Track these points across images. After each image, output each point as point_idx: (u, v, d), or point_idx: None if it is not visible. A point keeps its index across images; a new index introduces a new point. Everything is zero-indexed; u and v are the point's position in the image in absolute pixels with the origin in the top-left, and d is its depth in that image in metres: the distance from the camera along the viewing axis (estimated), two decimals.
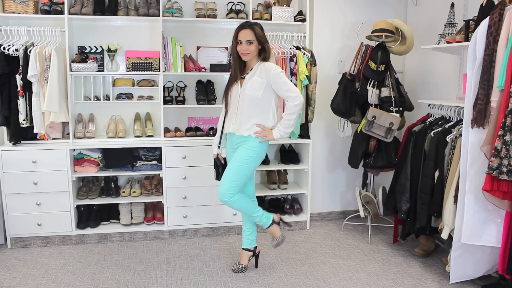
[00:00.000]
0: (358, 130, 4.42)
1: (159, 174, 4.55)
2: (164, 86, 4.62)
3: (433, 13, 4.66)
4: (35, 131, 4.19)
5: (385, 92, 4.37)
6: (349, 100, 4.47)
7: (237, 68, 3.64)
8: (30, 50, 4.10)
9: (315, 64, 4.63)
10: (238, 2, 4.70)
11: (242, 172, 3.59)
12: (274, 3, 4.73)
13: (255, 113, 3.57)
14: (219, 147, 3.84)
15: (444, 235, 3.61)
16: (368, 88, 4.40)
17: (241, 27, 3.55)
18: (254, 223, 3.89)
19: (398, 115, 4.26)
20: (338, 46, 5.02)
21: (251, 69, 3.61)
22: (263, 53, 3.60)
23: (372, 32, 4.44)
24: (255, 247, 3.91)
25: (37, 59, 4.08)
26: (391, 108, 4.32)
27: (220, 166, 3.83)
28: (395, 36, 4.43)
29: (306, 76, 4.54)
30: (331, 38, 4.98)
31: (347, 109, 4.48)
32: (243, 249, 3.90)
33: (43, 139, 4.34)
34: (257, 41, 3.53)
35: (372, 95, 4.37)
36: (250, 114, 3.57)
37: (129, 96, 4.65)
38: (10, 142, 4.23)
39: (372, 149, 4.44)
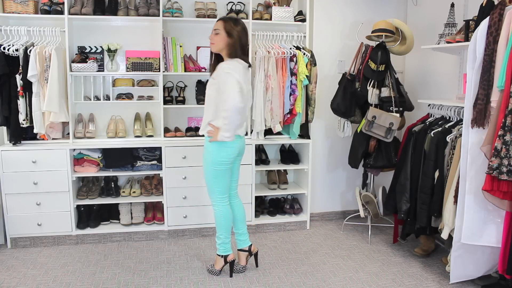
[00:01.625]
0: (358, 130, 4.42)
1: (159, 174, 4.55)
2: (164, 86, 4.62)
3: (433, 13, 4.66)
4: (35, 131, 4.19)
5: (385, 92, 4.37)
6: (349, 100, 4.47)
7: (210, 64, 3.63)
8: (30, 50, 4.09)
9: (315, 64, 4.63)
10: (238, 2, 4.70)
11: (207, 175, 3.61)
12: (274, 3, 4.73)
13: (209, 113, 3.53)
14: None
15: (444, 235, 3.61)
16: (368, 88, 4.40)
17: (217, 20, 3.50)
18: (244, 223, 3.85)
19: (398, 115, 4.27)
20: (338, 46, 5.01)
21: None
22: (226, 50, 3.47)
23: (372, 32, 4.44)
24: (250, 246, 3.88)
25: (37, 59, 4.07)
26: (391, 108, 4.32)
27: None
28: (395, 36, 4.43)
29: (306, 76, 4.54)
30: (331, 38, 4.98)
31: (347, 109, 4.48)
32: (238, 250, 3.89)
33: (43, 139, 4.34)
34: (225, 33, 3.41)
35: (372, 95, 4.37)
36: (207, 115, 3.55)
37: (129, 96, 4.64)
38: (10, 142, 4.23)
39: (372, 149, 4.44)
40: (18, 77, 4.10)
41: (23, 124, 4.15)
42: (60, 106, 4.18)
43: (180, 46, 4.56)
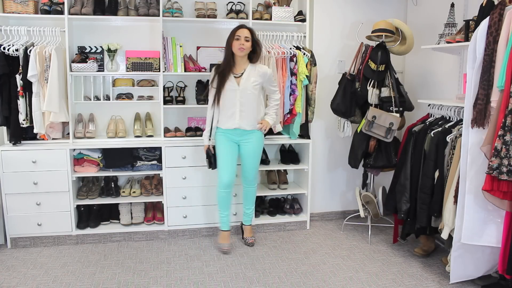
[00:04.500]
0: (358, 130, 4.42)
1: (159, 174, 4.55)
2: (164, 86, 4.62)
3: (433, 13, 4.66)
4: (35, 131, 4.19)
5: (385, 92, 4.37)
6: (349, 100, 4.47)
7: (230, 66, 4.05)
8: (30, 50, 4.09)
9: (315, 64, 4.62)
10: (238, 2, 4.69)
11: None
12: (274, 3, 4.73)
13: (256, 110, 4.11)
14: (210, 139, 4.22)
15: (444, 235, 3.60)
16: (368, 88, 4.39)
17: (241, 26, 4.02)
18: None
19: (398, 115, 4.26)
20: (338, 46, 5.01)
21: (244, 70, 4.05)
22: (253, 56, 4.08)
23: (372, 32, 4.43)
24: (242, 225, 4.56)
25: (37, 59, 4.07)
26: (391, 108, 4.32)
27: (212, 156, 4.21)
28: (395, 36, 4.42)
29: (306, 76, 4.54)
30: (331, 38, 4.98)
31: (347, 109, 4.48)
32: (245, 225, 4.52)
33: (43, 139, 4.33)
34: (252, 41, 4.00)
35: (372, 95, 4.36)
36: (253, 111, 4.09)
37: (129, 96, 4.64)
38: (10, 142, 4.22)
39: (372, 149, 4.44)
40: (18, 77, 4.09)
41: (23, 124, 4.15)
42: (60, 106, 4.18)
43: (180, 46, 4.56)
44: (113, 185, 4.62)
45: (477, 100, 3.18)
